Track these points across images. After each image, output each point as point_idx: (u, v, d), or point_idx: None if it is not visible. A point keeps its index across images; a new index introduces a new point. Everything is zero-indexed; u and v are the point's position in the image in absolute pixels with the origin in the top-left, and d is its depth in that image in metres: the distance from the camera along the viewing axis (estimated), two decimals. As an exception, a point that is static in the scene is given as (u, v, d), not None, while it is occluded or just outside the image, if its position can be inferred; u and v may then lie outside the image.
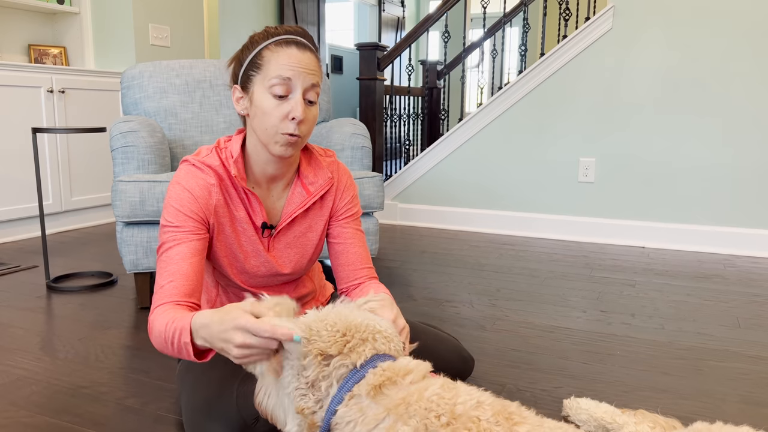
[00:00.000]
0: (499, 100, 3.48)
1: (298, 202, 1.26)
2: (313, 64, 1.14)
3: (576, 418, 1.32)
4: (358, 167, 2.49)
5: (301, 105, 1.11)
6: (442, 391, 0.86)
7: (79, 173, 3.58)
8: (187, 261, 1.12)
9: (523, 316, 2.10)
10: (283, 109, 1.11)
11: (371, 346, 0.91)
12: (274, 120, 1.12)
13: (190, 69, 2.51)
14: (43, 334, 1.90)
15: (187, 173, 1.18)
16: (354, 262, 1.31)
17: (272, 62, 1.11)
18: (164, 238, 1.14)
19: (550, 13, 7.18)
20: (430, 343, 1.46)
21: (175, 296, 1.08)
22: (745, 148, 3.02)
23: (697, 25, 3.03)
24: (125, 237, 2.05)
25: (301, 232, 1.29)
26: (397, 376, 0.88)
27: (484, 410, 0.83)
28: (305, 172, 1.27)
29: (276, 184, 1.26)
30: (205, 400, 1.16)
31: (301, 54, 1.12)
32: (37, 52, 3.77)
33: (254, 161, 1.21)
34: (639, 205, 3.25)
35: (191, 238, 1.14)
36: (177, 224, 1.14)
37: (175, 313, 1.04)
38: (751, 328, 1.99)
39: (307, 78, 1.12)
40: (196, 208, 1.15)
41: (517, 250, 3.12)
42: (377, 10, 8.10)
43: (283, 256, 1.29)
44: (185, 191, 1.16)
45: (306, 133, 1.16)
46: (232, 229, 1.22)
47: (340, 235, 1.31)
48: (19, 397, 1.48)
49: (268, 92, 1.12)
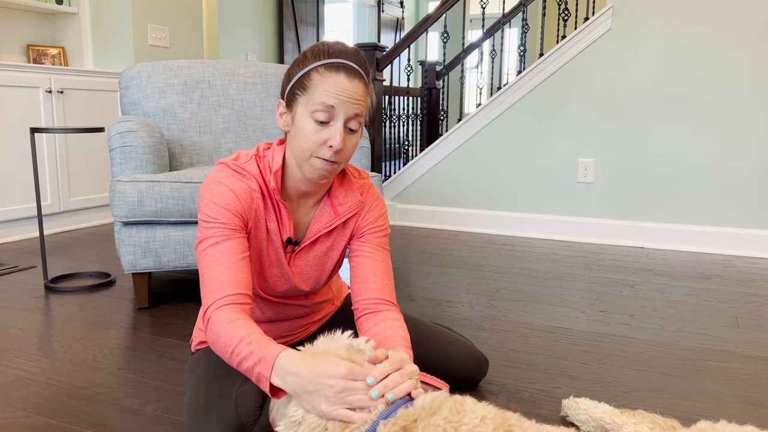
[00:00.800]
0: (498, 100, 3.48)
1: (325, 221, 1.25)
2: (360, 93, 1.11)
3: (575, 418, 1.32)
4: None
5: (340, 134, 1.09)
6: (450, 415, 0.90)
7: (78, 173, 3.58)
8: (238, 255, 1.11)
9: (522, 317, 2.09)
10: (322, 136, 1.10)
11: None
12: (311, 144, 1.10)
13: (188, 69, 2.50)
14: (41, 335, 1.90)
15: (229, 175, 1.16)
16: (371, 281, 1.23)
17: (319, 87, 1.09)
18: (208, 234, 1.12)
19: (549, 14, 7.18)
20: (444, 346, 1.45)
21: (236, 289, 1.07)
22: (743, 148, 3.02)
23: (696, 25, 3.03)
24: (123, 237, 2.05)
25: (323, 252, 1.28)
26: (409, 422, 0.90)
27: (486, 426, 0.87)
28: (336, 192, 1.25)
29: (306, 200, 1.25)
30: (205, 398, 1.16)
31: (349, 83, 1.09)
32: (35, 53, 3.76)
33: (290, 176, 1.20)
34: (638, 205, 3.25)
35: (238, 235, 1.13)
36: (223, 221, 1.12)
37: (250, 329, 1.01)
38: (750, 329, 1.98)
39: (351, 107, 1.10)
40: (240, 209, 1.14)
41: (516, 250, 3.12)
42: (376, 10, 8.10)
43: (303, 272, 1.28)
44: (229, 191, 1.14)
45: (343, 160, 1.14)
46: (264, 237, 1.21)
47: (360, 250, 1.26)
48: (16, 397, 1.47)
49: (310, 116, 1.10)
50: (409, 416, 0.90)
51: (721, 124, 3.05)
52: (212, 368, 1.23)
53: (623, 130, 3.23)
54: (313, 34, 6.57)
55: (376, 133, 3.83)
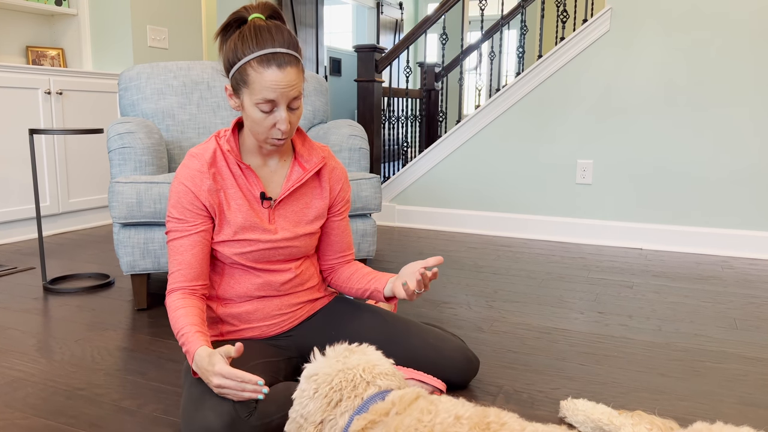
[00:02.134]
0: (497, 102, 3.48)
1: (296, 178, 1.39)
2: (294, 79, 1.22)
3: (573, 419, 1.32)
4: (356, 169, 2.49)
5: (285, 119, 1.24)
6: (421, 415, 0.90)
7: (77, 175, 3.58)
8: (189, 252, 1.30)
9: (520, 318, 2.09)
10: (269, 121, 1.24)
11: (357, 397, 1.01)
12: (263, 129, 1.26)
13: (187, 70, 2.51)
14: (39, 336, 1.90)
15: (182, 167, 1.32)
16: (343, 244, 1.52)
17: (256, 83, 1.21)
18: (169, 227, 1.32)
19: (548, 16, 7.19)
20: (433, 342, 1.46)
21: (184, 282, 1.29)
22: (742, 150, 3.03)
23: (695, 27, 3.04)
24: (122, 239, 2.05)
25: (300, 209, 1.41)
26: (379, 416, 0.94)
27: (462, 425, 0.87)
28: (301, 152, 1.41)
29: (271, 158, 1.38)
30: (200, 391, 1.18)
31: (283, 74, 1.20)
32: (35, 54, 3.76)
33: (249, 141, 1.35)
34: (636, 206, 3.25)
35: (192, 230, 1.30)
36: (178, 217, 1.30)
37: (187, 320, 1.23)
38: (748, 330, 1.99)
39: (290, 94, 1.23)
40: (192, 198, 1.30)
41: (515, 251, 3.12)
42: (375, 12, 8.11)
43: (284, 227, 1.38)
44: (181, 185, 1.30)
45: (292, 131, 1.29)
46: (238, 196, 1.33)
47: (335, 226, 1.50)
48: (14, 398, 1.47)
49: (255, 107, 1.23)
50: (379, 411, 0.94)
51: (720, 126, 3.05)
52: None
53: (622, 132, 3.23)
54: (312, 35, 6.58)
55: (375, 134, 3.84)
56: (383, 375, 1.03)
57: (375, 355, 1.09)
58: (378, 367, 1.04)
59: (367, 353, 1.08)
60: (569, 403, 1.35)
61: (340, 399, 1.00)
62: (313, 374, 1.04)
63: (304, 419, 1.02)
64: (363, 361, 1.05)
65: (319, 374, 1.04)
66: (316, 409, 1.00)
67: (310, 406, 1.01)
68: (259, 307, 1.40)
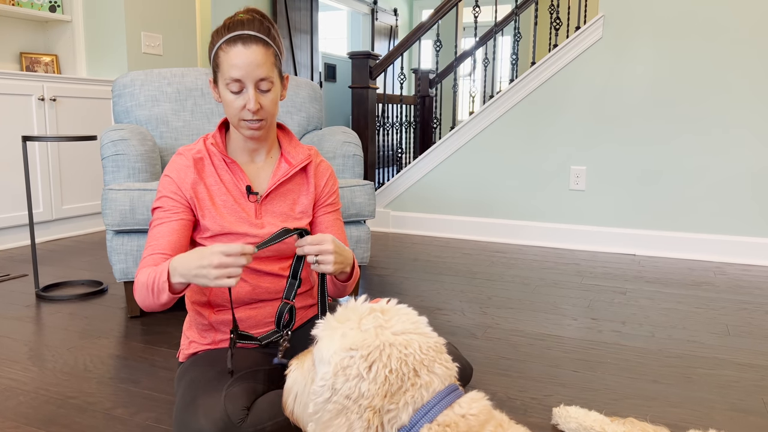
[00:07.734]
0: (490, 108, 3.50)
1: (282, 173, 1.41)
2: (259, 58, 1.25)
3: (565, 426, 1.32)
4: (350, 175, 2.49)
5: (253, 98, 1.26)
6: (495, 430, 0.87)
7: (70, 181, 3.57)
8: (166, 237, 1.30)
9: (514, 324, 2.10)
10: (239, 103, 1.27)
11: (422, 392, 0.88)
12: (235, 111, 1.29)
13: (181, 77, 2.51)
14: (31, 344, 1.89)
15: (172, 161, 1.36)
16: None
17: (225, 63, 1.25)
18: (153, 216, 1.34)
19: (541, 23, 7.23)
20: None
21: (157, 261, 1.26)
22: (735, 156, 3.04)
23: (686, 34, 3.06)
24: (115, 246, 2.04)
25: (287, 205, 1.42)
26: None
27: None
28: (287, 149, 1.44)
29: (258, 154, 1.41)
30: (193, 397, 1.18)
31: (247, 51, 1.24)
32: (28, 60, 3.76)
33: (235, 137, 1.38)
34: (630, 212, 3.27)
35: (173, 217, 1.32)
36: (160, 206, 1.32)
37: (154, 267, 1.23)
38: (740, 336, 2.00)
39: (256, 73, 1.25)
40: (175, 188, 1.33)
41: (509, 257, 3.13)
42: (370, 18, 8.13)
43: (272, 223, 1.38)
44: (165, 177, 1.34)
45: (267, 116, 1.31)
46: (222, 190, 1.35)
47: (323, 220, 1.49)
48: (6, 407, 1.46)
49: (227, 89, 1.27)
50: (451, 427, 0.86)
51: (712, 132, 3.07)
52: (201, 375, 1.24)
53: (615, 138, 3.25)
54: (307, 42, 6.59)
55: (369, 140, 3.84)
56: (439, 357, 0.91)
57: (415, 318, 0.94)
58: (428, 340, 0.92)
59: (409, 315, 0.94)
60: (561, 411, 1.35)
61: (400, 387, 0.86)
62: (353, 347, 0.88)
63: (352, 401, 0.86)
64: (411, 329, 0.91)
65: (364, 347, 0.87)
66: (374, 392, 0.85)
67: (364, 387, 0.85)
68: (252, 314, 1.40)
